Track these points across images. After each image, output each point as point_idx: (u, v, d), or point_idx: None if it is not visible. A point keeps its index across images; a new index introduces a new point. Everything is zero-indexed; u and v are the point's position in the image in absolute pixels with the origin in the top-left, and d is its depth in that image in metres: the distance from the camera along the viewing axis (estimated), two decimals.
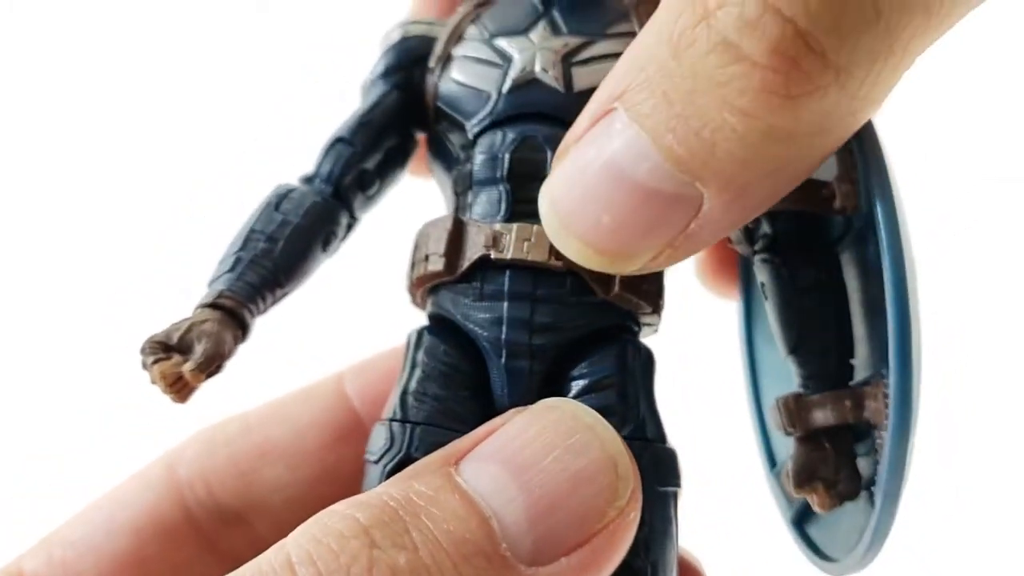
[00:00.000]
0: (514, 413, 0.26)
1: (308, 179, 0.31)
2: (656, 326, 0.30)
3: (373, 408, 0.35)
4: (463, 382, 0.28)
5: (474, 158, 0.29)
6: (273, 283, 0.29)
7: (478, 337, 0.28)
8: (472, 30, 0.31)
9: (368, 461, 0.28)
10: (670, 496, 0.28)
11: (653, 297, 0.29)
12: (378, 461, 0.28)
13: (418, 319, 0.30)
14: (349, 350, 0.37)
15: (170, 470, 0.34)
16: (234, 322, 0.28)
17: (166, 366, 0.26)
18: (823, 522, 0.30)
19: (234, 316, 0.28)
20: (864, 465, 0.28)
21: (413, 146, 0.33)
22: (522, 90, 0.29)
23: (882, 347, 0.26)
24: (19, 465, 0.63)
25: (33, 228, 0.71)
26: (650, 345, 0.30)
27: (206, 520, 0.34)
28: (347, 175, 0.31)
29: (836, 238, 0.30)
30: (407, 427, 0.28)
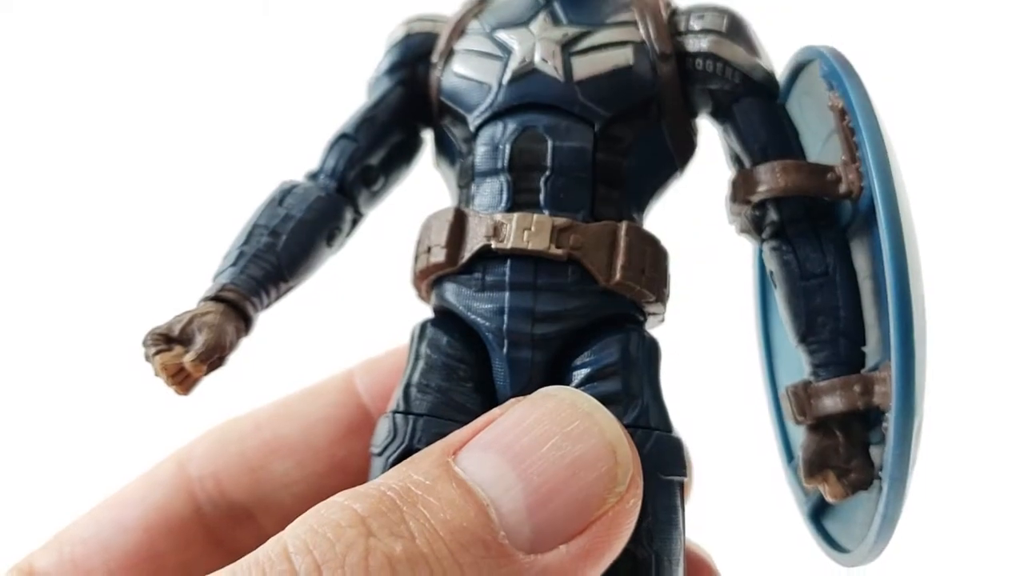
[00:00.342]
0: (513, 402, 0.26)
1: (312, 175, 0.31)
2: (662, 315, 0.30)
3: (382, 404, 0.34)
4: (466, 374, 0.28)
5: (476, 150, 0.29)
6: (276, 277, 0.29)
7: (480, 328, 0.28)
8: (474, 24, 0.31)
9: (372, 454, 0.28)
10: (675, 485, 0.27)
11: (657, 285, 0.29)
12: (381, 453, 0.28)
13: (428, 314, 0.30)
14: (360, 347, 0.37)
15: (180, 467, 0.35)
16: (236, 314, 0.28)
17: (167, 357, 0.26)
18: (839, 515, 0.30)
19: (236, 308, 0.28)
20: (877, 454, 0.27)
21: (419, 143, 0.33)
22: (522, 80, 0.29)
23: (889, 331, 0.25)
24: (30, 463, 0.64)
25: (44, 228, 0.72)
26: (667, 336, 0.29)
27: (216, 517, 0.34)
28: (351, 170, 0.31)
29: (845, 224, 0.29)
30: (410, 419, 0.28)
